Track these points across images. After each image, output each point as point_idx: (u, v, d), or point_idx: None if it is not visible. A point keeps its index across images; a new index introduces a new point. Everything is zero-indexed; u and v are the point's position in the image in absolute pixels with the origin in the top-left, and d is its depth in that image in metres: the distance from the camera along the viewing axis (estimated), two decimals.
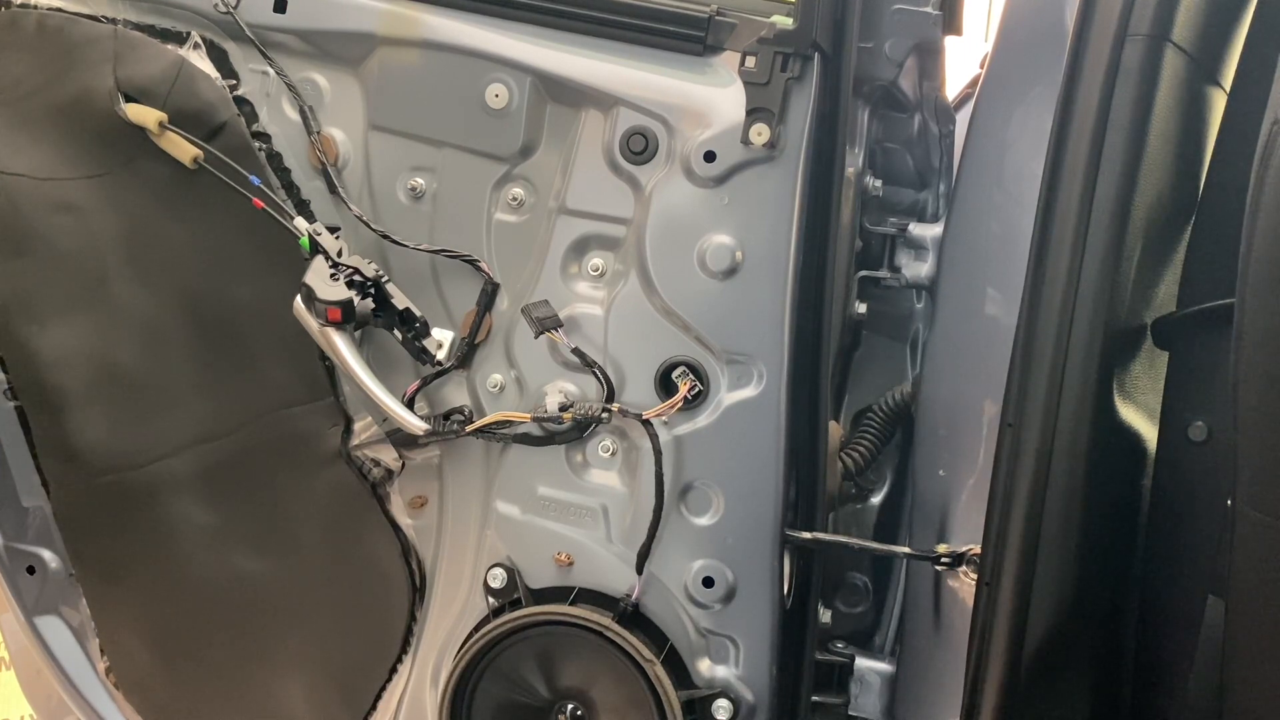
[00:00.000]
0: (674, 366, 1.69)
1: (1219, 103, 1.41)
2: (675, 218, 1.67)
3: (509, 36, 1.70)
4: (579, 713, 1.77)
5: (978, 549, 1.45)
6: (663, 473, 1.68)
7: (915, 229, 1.92)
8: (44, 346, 1.84)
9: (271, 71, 1.76)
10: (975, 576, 1.46)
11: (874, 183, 1.89)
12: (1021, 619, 1.35)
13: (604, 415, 1.69)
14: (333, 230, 1.73)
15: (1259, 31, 1.39)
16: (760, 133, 1.59)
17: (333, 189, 1.77)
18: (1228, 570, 1.15)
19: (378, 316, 1.70)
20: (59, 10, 1.78)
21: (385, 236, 1.74)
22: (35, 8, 1.78)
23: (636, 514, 1.73)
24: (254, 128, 1.78)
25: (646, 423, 1.67)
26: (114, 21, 1.77)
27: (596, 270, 1.74)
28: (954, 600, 1.64)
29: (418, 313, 1.71)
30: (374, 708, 1.93)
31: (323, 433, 1.82)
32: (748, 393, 1.68)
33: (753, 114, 1.60)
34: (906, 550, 1.73)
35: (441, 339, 1.75)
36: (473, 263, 1.74)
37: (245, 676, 1.97)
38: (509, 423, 1.74)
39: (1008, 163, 1.72)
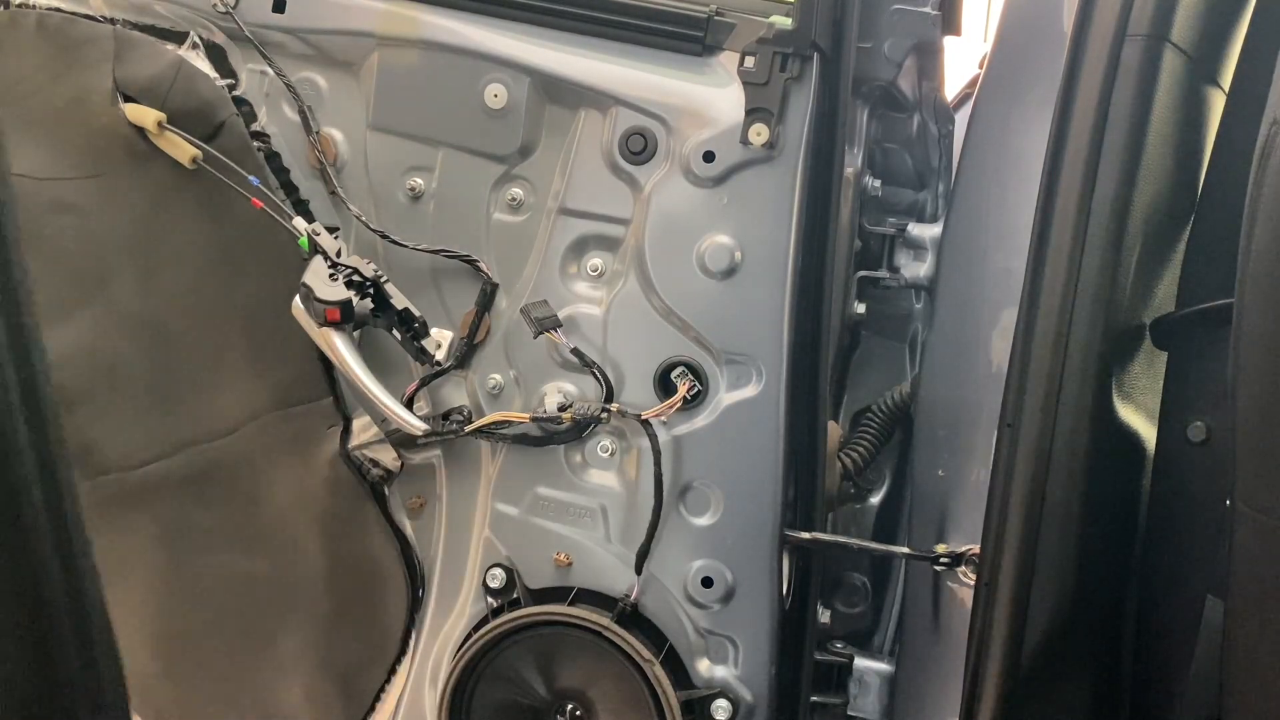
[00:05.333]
0: (673, 366, 1.69)
1: (1218, 103, 1.41)
2: (674, 218, 1.67)
3: (508, 36, 1.70)
4: (578, 713, 1.77)
5: (976, 549, 1.45)
6: (662, 473, 1.67)
7: (914, 229, 1.91)
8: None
9: (270, 71, 1.76)
10: (974, 577, 1.46)
11: (873, 183, 1.89)
12: (1020, 619, 1.34)
13: (603, 415, 1.69)
14: (331, 230, 1.73)
15: (1258, 32, 1.38)
16: (759, 133, 1.60)
17: (331, 189, 1.77)
18: (1227, 570, 1.15)
19: (376, 316, 1.70)
20: (58, 10, 1.78)
21: (384, 236, 1.74)
22: (35, 7, 1.78)
23: (635, 514, 1.73)
24: (252, 127, 1.78)
25: (645, 423, 1.67)
26: (113, 21, 1.78)
27: (595, 270, 1.74)
28: (953, 600, 1.64)
29: (417, 313, 1.70)
30: (373, 708, 1.92)
31: (321, 433, 1.82)
32: (747, 393, 1.68)
33: (752, 114, 1.60)
34: (906, 550, 1.73)
35: (440, 339, 1.75)
36: (472, 263, 1.74)
37: (244, 677, 1.96)
38: (508, 423, 1.74)
39: (1007, 163, 1.71)
